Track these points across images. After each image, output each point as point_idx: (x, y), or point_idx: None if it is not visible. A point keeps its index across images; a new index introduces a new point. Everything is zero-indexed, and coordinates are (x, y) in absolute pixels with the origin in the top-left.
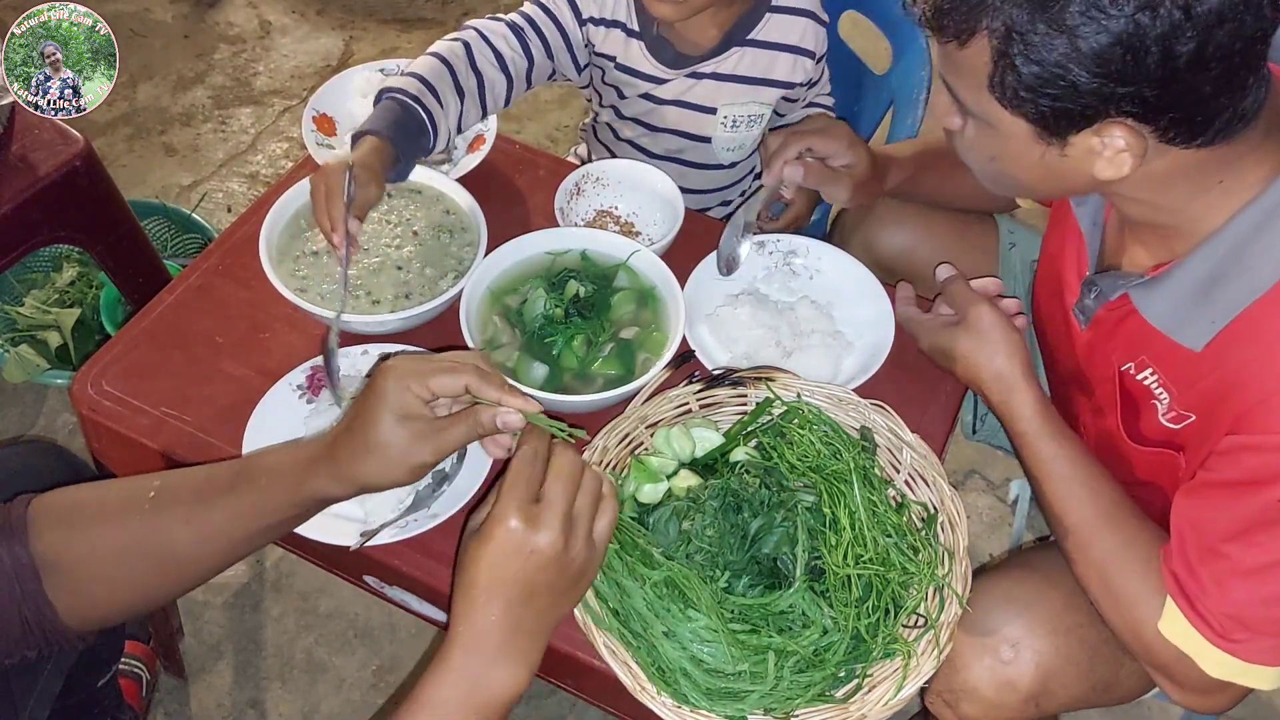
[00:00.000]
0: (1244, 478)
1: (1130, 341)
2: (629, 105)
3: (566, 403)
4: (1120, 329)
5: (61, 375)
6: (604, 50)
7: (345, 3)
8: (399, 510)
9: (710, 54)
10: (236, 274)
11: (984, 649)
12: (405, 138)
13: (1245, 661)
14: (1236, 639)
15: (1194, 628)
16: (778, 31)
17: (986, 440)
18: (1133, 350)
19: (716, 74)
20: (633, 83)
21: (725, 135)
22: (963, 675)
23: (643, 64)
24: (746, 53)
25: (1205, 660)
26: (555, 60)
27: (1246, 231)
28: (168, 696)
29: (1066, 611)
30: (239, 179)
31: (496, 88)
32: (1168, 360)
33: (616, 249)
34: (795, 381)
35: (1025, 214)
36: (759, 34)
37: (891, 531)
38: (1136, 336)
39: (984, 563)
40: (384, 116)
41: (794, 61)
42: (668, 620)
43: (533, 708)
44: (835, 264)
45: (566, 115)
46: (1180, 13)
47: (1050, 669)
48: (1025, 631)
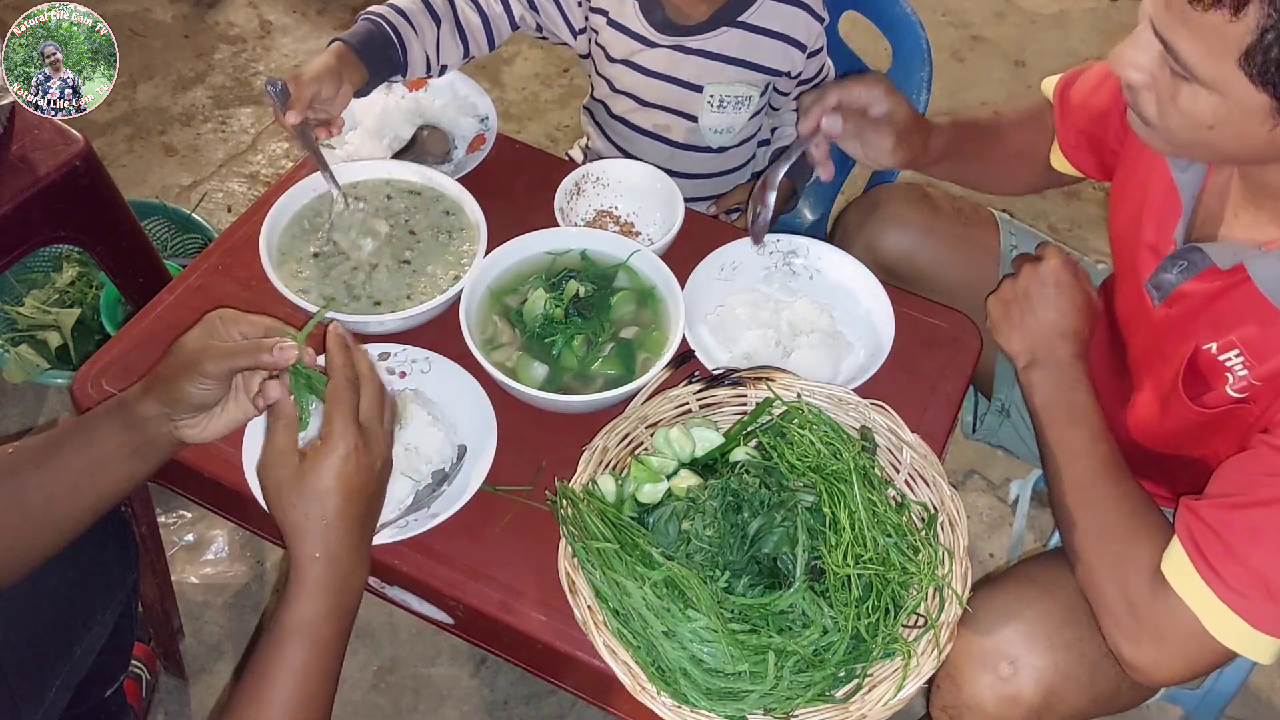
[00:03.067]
0: None
1: (1221, 318)
2: (619, 76)
3: (566, 403)
4: (1211, 305)
5: (61, 375)
6: (598, 4)
7: (346, 3)
8: (399, 510)
9: (698, 29)
10: (236, 274)
11: (985, 665)
12: (370, 47)
13: (1252, 626)
14: (1250, 598)
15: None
16: (769, 17)
17: (986, 440)
18: (1221, 328)
19: (704, 50)
20: (622, 41)
21: (712, 116)
22: (965, 691)
23: (633, 21)
24: (735, 33)
25: (1210, 617)
26: (541, 14)
27: None
28: (168, 696)
29: (1066, 626)
30: (239, 179)
31: (473, 23)
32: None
33: (616, 249)
34: (795, 381)
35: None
36: (750, 17)
37: (891, 531)
38: (1231, 311)
39: (983, 562)
40: (354, 30)
41: (783, 50)
42: (668, 620)
43: (533, 708)
44: (835, 264)
45: (566, 115)
46: None
47: (1051, 684)
48: (1025, 648)
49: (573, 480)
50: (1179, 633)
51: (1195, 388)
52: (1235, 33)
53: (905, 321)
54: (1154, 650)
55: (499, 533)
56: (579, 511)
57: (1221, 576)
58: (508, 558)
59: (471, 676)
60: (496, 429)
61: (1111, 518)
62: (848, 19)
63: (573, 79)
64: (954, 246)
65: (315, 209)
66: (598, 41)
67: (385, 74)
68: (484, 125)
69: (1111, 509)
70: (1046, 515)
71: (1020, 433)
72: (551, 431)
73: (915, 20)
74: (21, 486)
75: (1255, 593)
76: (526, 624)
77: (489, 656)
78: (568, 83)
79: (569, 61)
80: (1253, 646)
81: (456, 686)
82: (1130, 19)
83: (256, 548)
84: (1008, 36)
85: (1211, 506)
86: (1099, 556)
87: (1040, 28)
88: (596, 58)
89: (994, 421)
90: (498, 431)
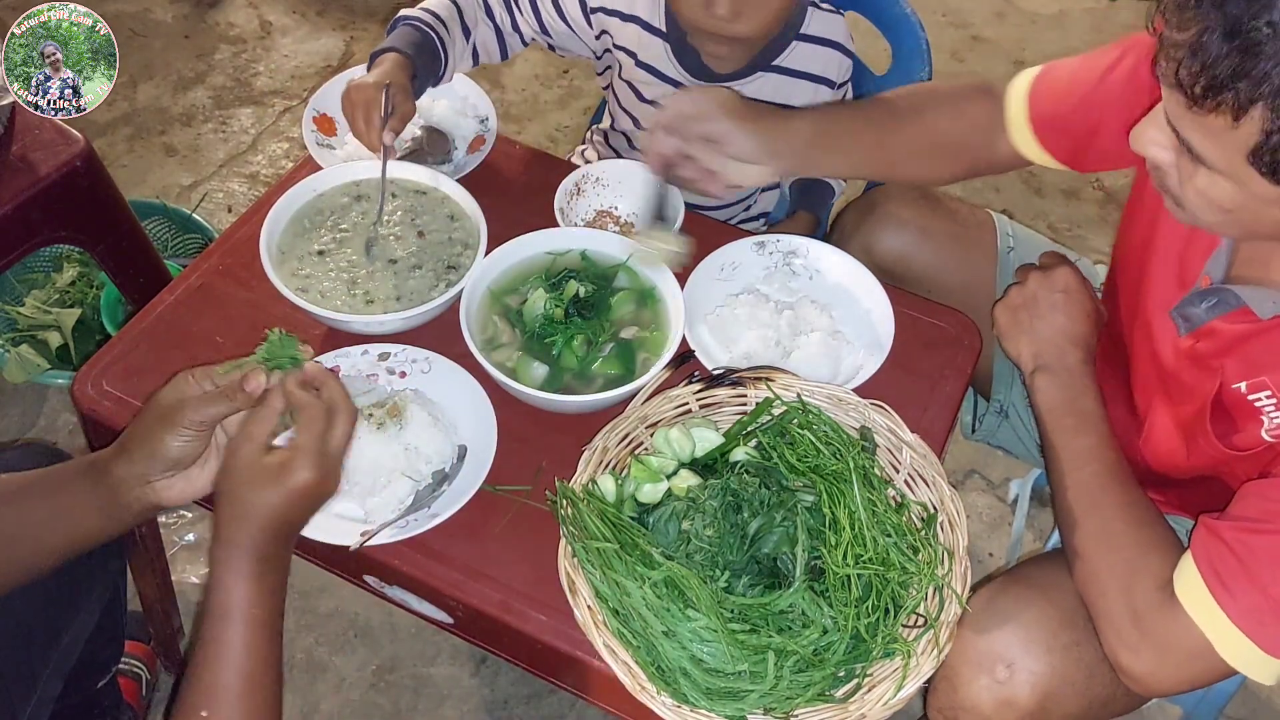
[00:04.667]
0: None
1: (1253, 359)
2: (648, 116)
3: (566, 403)
4: (1243, 345)
5: (62, 375)
6: (622, 44)
7: (345, 3)
8: (399, 510)
9: (734, 75)
10: (236, 274)
11: (981, 668)
12: (423, 58)
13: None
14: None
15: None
16: (803, 60)
17: (985, 440)
18: (1253, 368)
19: None
20: (653, 83)
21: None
22: (962, 693)
23: (666, 65)
24: (770, 78)
25: (1220, 638)
26: (552, 36)
27: None
28: (168, 696)
29: (1064, 630)
30: (239, 179)
31: (486, 38)
32: None
33: (616, 249)
34: (795, 381)
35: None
36: (784, 60)
37: (891, 531)
38: (1266, 354)
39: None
40: (404, 37)
41: (814, 90)
42: (668, 620)
43: (533, 708)
44: (835, 264)
45: (566, 115)
46: None
47: (1047, 688)
48: (1022, 651)
49: (573, 480)
50: (1184, 648)
51: (1222, 425)
52: (1242, 134)
53: (905, 321)
54: (1153, 661)
55: (499, 533)
56: (579, 511)
57: (1236, 599)
58: (508, 558)
59: (471, 676)
60: (496, 429)
61: (1118, 526)
62: (848, 19)
63: (573, 80)
64: (951, 247)
65: (316, 208)
66: (622, 77)
67: (426, 85)
68: (484, 126)
69: (1119, 517)
70: (1046, 515)
71: (1019, 433)
72: (551, 431)
73: (915, 20)
74: None
75: (1270, 618)
76: (526, 624)
77: (489, 656)
78: (568, 84)
79: (569, 62)
80: (1260, 669)
81: (456, 686)
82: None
83: None
84: (1008, 36)
85: (1233, 529)
86: (1105, 564)
87: (1040, 28)
88: (620, 92)
89: (993, 422)
90: (498, 431)
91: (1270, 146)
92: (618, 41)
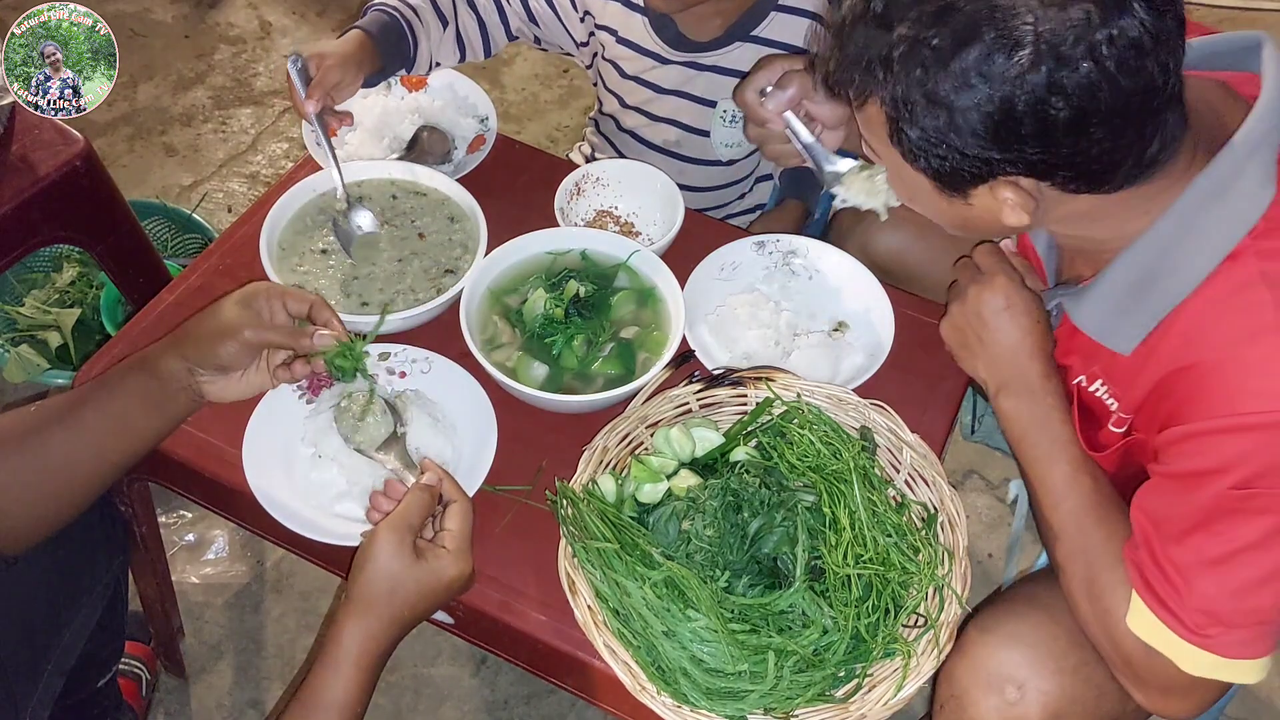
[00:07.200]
0: (1191, 468)
1: (1083, 354)
2: (631, 92)
3: (566, 403)
4: (1073, 342)
5: (62, 375)
6: (604, 22)
7: (345, 3)
8: None
9: (712, 45)
10: (237, 274)
11: (991, 688)
12: (387, 39)
13: (1222, 657)
14: (1210, 634)
15: (1163, 623)
16: (782, 30)
17: (984, 440)
18: (1086, 363)
19: (717, 66)
20: (634, 58)
21: (724, 130)
22: (971, 713)
23: (645, 39)
24: (749, 48)
25: (1182, 658)
26: (541, 27)
27: (1170, 234)
28: (168, 696)
29: (1073, 650)
30: (239, 179)
31: (471, 30)
32: (1112, 367)
33: (616, 249)
34: (795, 381)
35: None
36: (763, 31)
37: (891, 531)
38: (1088, 348)
39: (983, 562)
40: (368, 19)
41: None
42: (668, 620)
43: (533, 707)
44: (835, 264)
45: (566, 115)
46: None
47: (1057, 709)
48: (1031, 672)
49: (573, 480)
50: (1178, 682)
51: (1089, 426)
52: (876, 121)
53: (905, 321)
54: (1164, 702)
55: (499, 533)
56: (579, 511)
57: (1179, 617)
58: (508, 558)
59: (471, 676)
60: (496, 429)
61: (1097, 570)
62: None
63: (572, 80)
64: (946, 246)
65: (317, 207)
66: (605, 57)
67: (395, 68)
68: (484, 126)
69: (1097, 559)
70: None
71: None
72: (551, 431)
73: None
74: (44, 446)
75: (1209, 624)
76: (526, 624)
77: (489, 656)
78: (567, 83)
79: (569, 62)
80: (1233, 672)
81: (456, 686)
82: None
83: (256, 548)
84: None
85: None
86: (1091, 613)
87: None
88: (604, 73)
89: (992, 423)
90: (498, 431)
91: (893, 131)
92: (600, 21)
